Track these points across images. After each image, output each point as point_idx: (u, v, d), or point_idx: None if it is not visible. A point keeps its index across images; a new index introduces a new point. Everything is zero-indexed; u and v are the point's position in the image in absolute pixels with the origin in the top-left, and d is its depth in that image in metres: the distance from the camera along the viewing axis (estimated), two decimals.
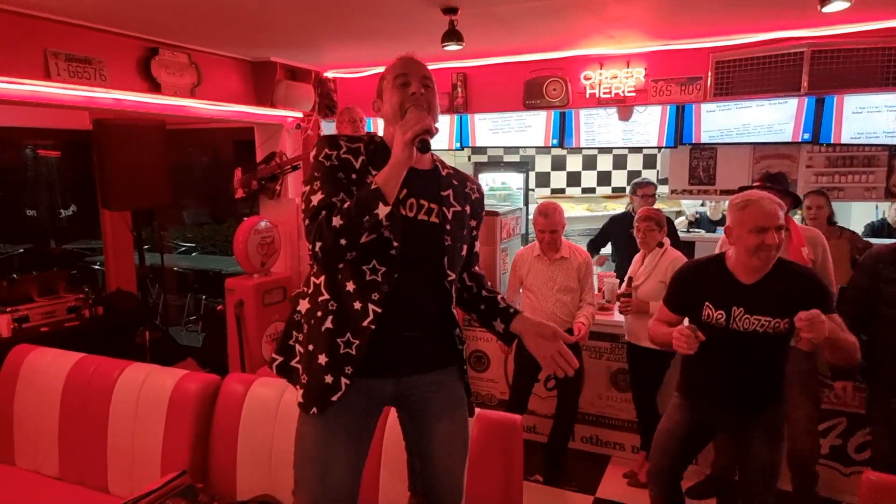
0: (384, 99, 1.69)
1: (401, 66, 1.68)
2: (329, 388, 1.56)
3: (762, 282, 2.26)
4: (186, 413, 2.29)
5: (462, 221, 1.72)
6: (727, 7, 3.19)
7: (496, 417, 2.10)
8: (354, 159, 1.61)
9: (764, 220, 2.17)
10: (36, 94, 3.06)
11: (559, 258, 3.45)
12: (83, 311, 3.83)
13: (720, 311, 2.28)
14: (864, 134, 4.04)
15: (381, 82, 1.72)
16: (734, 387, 2.32)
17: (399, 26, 3.49)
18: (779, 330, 2.24)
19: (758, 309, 2.23)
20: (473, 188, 1.81)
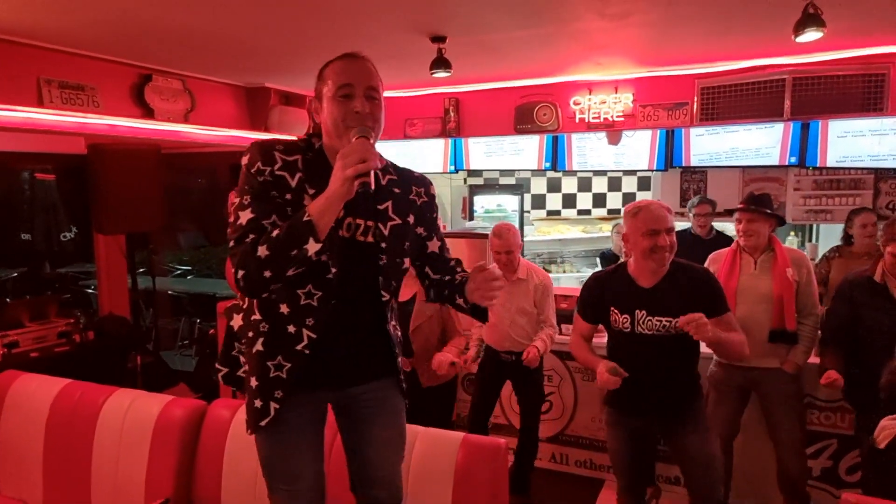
0: (323, 107, 1.53)
1: (345, 74, 1.50)
2: (258, 412, 1.55)
3: (660, 284, 2.39)
4: (171, 440, 2.28)
5: (403, 235, 1.62)
6: (710, 35, 3.25)
7: (481, 441, 2.10)
8: (290, 177, 1.49)
9: (654, 224, 2.34)
10: (29, 120, 3.10)
11: (516, 279, 3.39)
12: (74, 336, 3.82)
13: (625, 315, 2.41)
14: (849, 157, 4.10)
15: (320, 83, 1.54)
16: (651, 389, 2.41)
17: (389, 54, 3.55)
18: (679, 330, 2.31)
19: (658, 310, 2.35)
20: (420, 192, 1.68)
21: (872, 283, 2.76)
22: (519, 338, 3.38)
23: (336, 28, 3.00)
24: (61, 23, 2.85)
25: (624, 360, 2.46)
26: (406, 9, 2.71)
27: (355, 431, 1.73)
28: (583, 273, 7.23)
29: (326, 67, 1.54)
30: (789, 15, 2.60)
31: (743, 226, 3.00)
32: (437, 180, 7.41)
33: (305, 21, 2.88)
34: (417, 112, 4.94)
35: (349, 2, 2.60)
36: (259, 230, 1.43)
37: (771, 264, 2.96)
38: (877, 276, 2.75)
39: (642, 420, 2.50)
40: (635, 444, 2.54)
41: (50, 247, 6.76)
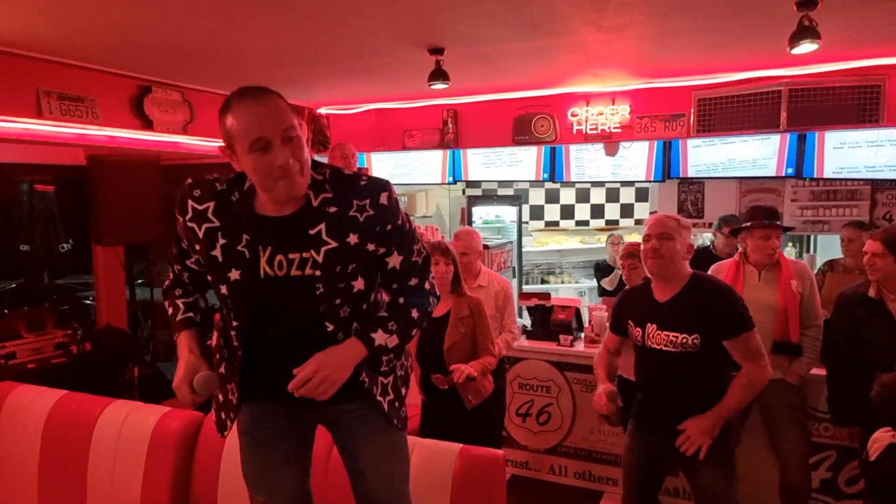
0: (239, 159, 1.39)
1: (256, 126, 1.33)
2: (222, 423, 1.65)
3: (675, 298, 2.33)
4: (167, 451, 2.27)
5: (343, 258, 1.45)
6: (707, 48, 3.28)
7: (478, 452, 2.09)
8: (198, 228, 1.47)
9: (648, 229, 2.35)
10: (28, 132, 3.11)
11: (477, 286, 3.37)
12: (71, 347, 3.81)
13: (638, 328, 2.40)
14: (845, 168, 4.11)
15: (227, 133, 1.38)
16: (662, 408, 2.37)
17: (388, 66, 3.57)
18: (689, 347, 2.26)
19: (668, 325, 2.30)
20: (363, 205, 1.45)
21: (868, 299, 2.75)
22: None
23: (335, 40, 3.02)
24: (61, 34, 2.87)
25: (640, 373, 2.46)
26: (405, 21, 2.73)
27: (348, 449, 1.70)
28: (581, 284, 7.24)
29: (227, 113, 1.37)
30: (785, 27, 2.62)
31: (765, 241, 2.94)
32: (436, 191, 7.45)
33: (305, 34, 2.90)
34: (416, 123, 4.96)
35: (348, 14, 2.62)
36: (174, 270, 1.67)
37: (776, 276, 2.95)
38: (871, 291, 2.74)
39: (656, 437, 2.41)
40: (646, 459, 2.48)
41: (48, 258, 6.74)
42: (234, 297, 1.48)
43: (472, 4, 2.50)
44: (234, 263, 1.46)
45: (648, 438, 2.46)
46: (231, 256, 1.45)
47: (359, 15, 2.63)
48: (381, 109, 5.02)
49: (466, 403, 2.93)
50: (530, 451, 4.00)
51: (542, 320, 4.09)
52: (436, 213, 7.75)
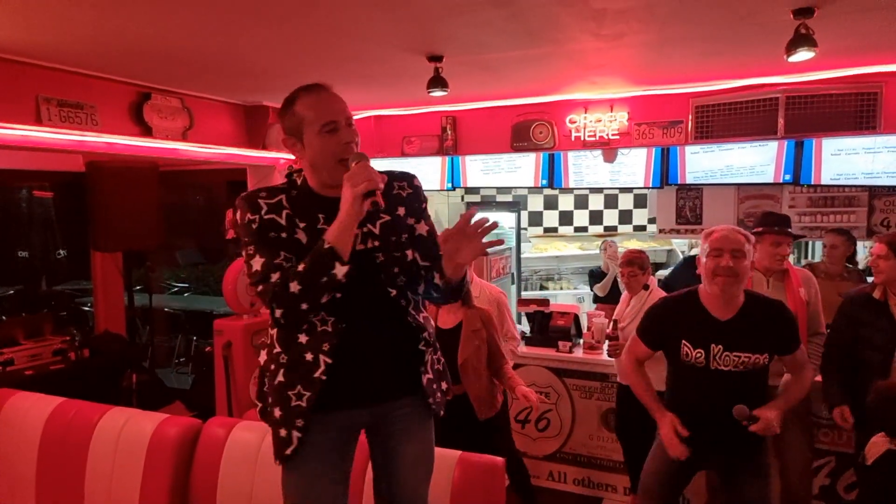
0: (306, 143, 1.57)
1: (326, 111, 1.56)
2: (283, 441, 1.59)
3: (737, 317, 2.26)
4: (165, 459, 2.26)
5: (395, 228, 1.65)
6: (704, 55, 3.29)
7: (477, 460, 2.09)
8: (278, 216, 1.57)
9: (719, 243, 2.23)
10: (27, 138, 3.11)
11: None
12: (69, 353, 3.81)
13: (699, 349, 2.27)
14: (843, 175, 4.12)
15: (296, 121, 1.57)
16: (718, 425, 2.29)
17: (387, 73, 3.58)
18: (758, 365, 2.25)
19: (735, 346, 2.23)
20: (403, 185, 1.70)
21: (873, 301, 2.76)
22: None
23: (334, 47, 3.03)
24: (60, 41, 2.88)
25: (691, 394, 2.34)
26: (404, 29, 2.74)
27: (386, 449, 1.75)
28: (580, 290, 7.25)
29: (295, 104, 1.58)
30: (782, 35, 2.63)
31: (775, 248, 2.94)
32: (435, 197, 7.46)
33: (304, 41, 2.91)
34: (415, 130, 4.97)
35: (348, 22, 2.63)
36: (278, 268, 1.50)
37: (784, 284, 2.95)
38: (876, 293, 2.75)
39: (696, 452, 2.33)
40: (676, 472, 2.42)
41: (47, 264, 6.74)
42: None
43: (471, 13, 2.52)
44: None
45: (693, 451, 2.35)
46: (314, 236, 1.54)
47: (359, 23, 2.64)
48: (379, 116, 5.03)
49: (479, 415, 2.94)
50: (529, 458, 3.99)
51: (541, 326, 4.09)
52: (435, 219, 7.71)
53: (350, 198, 1.47)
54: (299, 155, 1.61)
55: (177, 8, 2.41)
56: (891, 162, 3.99)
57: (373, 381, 1.65)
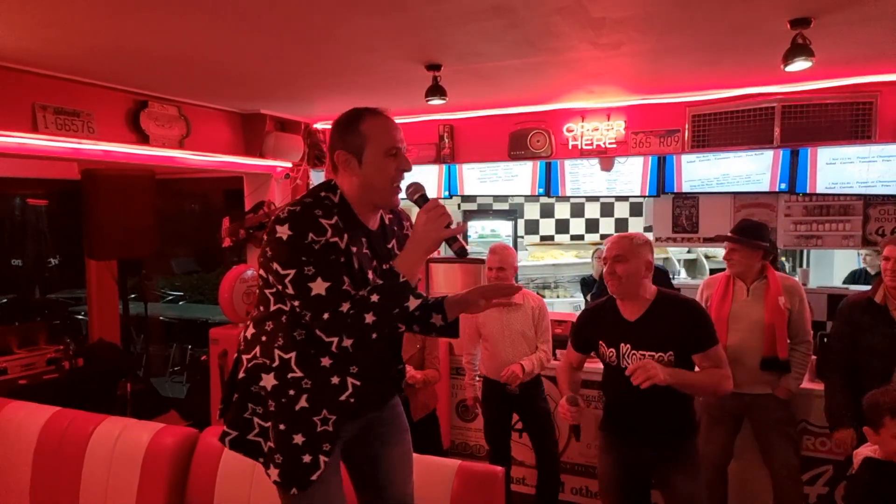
0: (366, 162, 1.59)
1: (394, 137, 1.61)
2: (308, 467, 1.55)
3: (644, 317, 2.38)
4: (161, 469, 2.24)
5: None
6: (701, 65, 3.31)
7: (477, 469, 2.08)
8: (340, 240, 1.53)
9: (605, 252, 2.42)
10: (23, 146, 3.09)
11: (513, 305, 3.35)
12: (63, 362, 3.78)
13: (611, 348, 2.42)
14: (838, 184, 4.14)
15: (361, 140, 1.59)
16: (638, 421, 2.40)
17: (385, 81, 3.59)
18: (664, 363, 2.30)
19: (642, 344, 2.35)
20: (407, 226, 1.81)
21: (874, 305, 2.76)
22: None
23: (333, 56, 3.03)
24: (57, 49, 2.87)
25: (614, 391, 2.48)
26: (403, 38, 2.75)
27: (371, 454, 1.76)
28: (576, 298, 7.24)
29: (362, 124, 1.60)
30: (778, 45, 2.65)
31: (727, 254, 3.04)
32: None
33: (302, 49, 2.92)
34: (412, 138, 4.96)
35: (346, 30, 2.64)
36: (347, 297, 1.47)
37: (763, 292, 2.97)
38: (877, 297, 2.75)
39: (631, 449, 2.47)
40: (623, 472, 2.52)
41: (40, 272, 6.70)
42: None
43: (470, 22, 2.52)
44: (367, 264, 1.59)
45: (624, 452, 2.50)
46: (363, 260, 1.58)
47: (357, 32, 2.65)
48: None
49: (413, 415, 3.10)
50: (527, 467, 3.97)
51: None
52: None
53: (433, 237, 1.51)
54: (350, 172, 1.60)
55: (174, 16, 2.40)
56: (885, 171, 4.02)
57: (383, 394, 1.72)
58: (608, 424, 2.56)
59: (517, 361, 3.27)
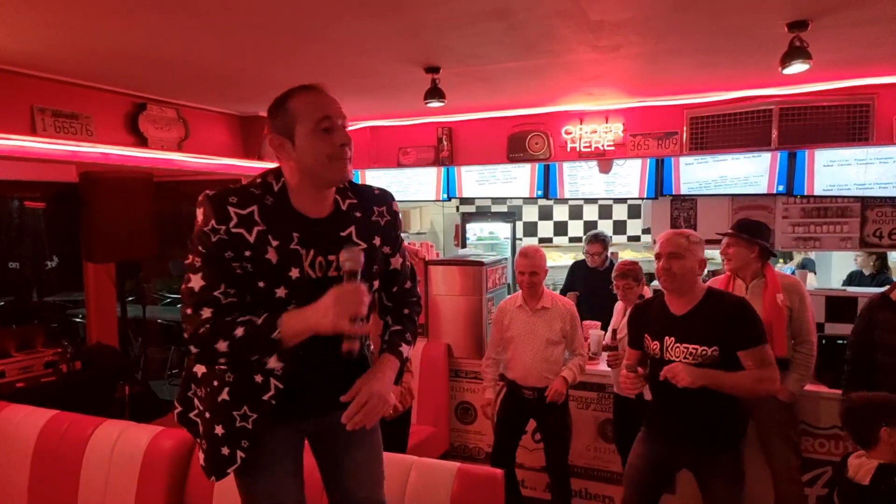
0: (297, 143, 1.46)
1: (323, 107, 1.47)
2: (226, 459, 1.53)
3: (692, 312, 2.38)
4: (160, 471, 2.24)
5: (370, 259, 1.58)
6: (699, 67, 3.32)
7: (476, 472, 2.08)
8: (248, 232, 1.44)
9: (658, 248, 2.42)
10: (21, 148, 3.09)
11: (541, 308, 3.29)
12: (60, 365, 3.76)
13: (656, 342, 2.43)
14: (835, 186, 4.15)
15: (285, 119, 1.47)
16: (680, 418, 2.40)
17: (384, 84, 3.59)
18: (708, 358, 2.30)
19: (686, 338, 2.35)
20: (382, 210, 1.64)
21: (888, 302, 2.76)
22: (546, 372, 3.26)
23: (332, 58, 3.03)
24: (56, 52, 2.87)
25: (656, 385, 2.47)
26: (402, 41, 2.75)
27: (334, 457, 1.72)
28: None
29: (288, 101, 1.48)
30: (776, 48, 2.66)
31: (722, 248, 3.08)
32: (430, 208, 7.47)
33: (301, 52, 2.92)
34: (411, 141, 4.98)
35: (346, 34, 2.64)
36: (213, 303, 1.42)
37: (762, 290, 2.98)
38: (893, 294, 2.76)
39: (669, 446, 2.47)
40: (653, 469, 2.52)
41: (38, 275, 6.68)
42: (297, 295, 1.47)
43: (468, 24, 2.53)
44: (292, 262, 1.48)
45: (660, 449, 2.50)
46: (287, 255, 1.47)
47: (357, 34, 2.65)
48: (375, 127, 5.04)
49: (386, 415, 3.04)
50: (527, 469, 3.97)
51: None
52: (430, 229, 7.76)
53: (330, 323, 1.39)
54: (286, 156, 1.49)
55: (173, 19, 2.41)
56: (882, 173, 4.03)
57: (318, 398, 1.62)
58: (652, 417, 2.57)
59: (540, 368, 3.25)
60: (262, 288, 1.47)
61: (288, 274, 1.47)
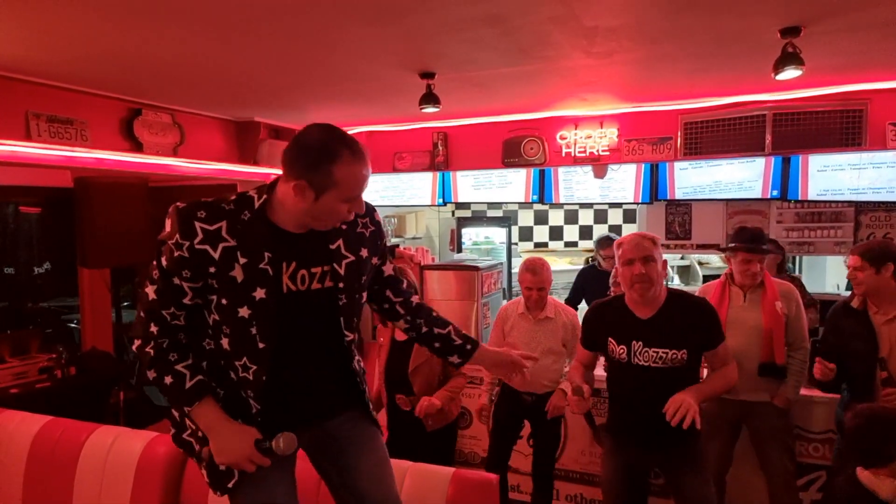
0: (322, 201, 1.43)
1: (359, 187, 1.47)
2: (224, 474, 1.53)
3: (657, 315, 2.37)
4: (155, 477, 2.23)
5: (358, 270, 1.60)
6: (693, 73, 3.34)
7: (472, 476, 2.08)
8: (213, 249, 1.41)
9: (630, 253, 2.34)
10: (16, 154, 3.08)
11: (543, 318, 3.25)
12: (55, 371, 3.75)
13: (622, 346, 2.40)
14: (829, 191, 4.18)
15: (328, 182, 1.42)
16: (648, 422, 2.37)
17: (379, 89, 3.60)
18: (678, 362, 2.31)
19: (654, 342, 2.34)
20: (365, 222, 1.65)
21: (852, 310, 2.78)
22: (546, 381, 3.24)
23: (327, 64, 3.04)
24: (51, 57, 2.87)
25: (621, 390, 2.47)
26: (397, 46, 2.76)
27: (340, 466, 1.70)
28: None
29: (336, 167, 1.41)
30: (769, 53, 2.68)
31: (746, 265, 2.95)
32: (426, 213, 7.47)
33: (296, 57, 2.92)
34: (406, 146, 4.99)
35: (341, 39, 2.64)
36: (159, 320, 1.46)
37: (760, 297, 2.98)
38: (854, 302, 2.77)
39: (638, 452, 2.47)
40: (628, 476, 2.51)
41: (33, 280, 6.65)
42: (260, 317, 1.46)
43: (464, 30, 2.54)
44: (259, 282, 1.45)
45: (629, 454, 2.49)
46: (254, 275, 1.45)
47: (352, 40, 2.66)
48: (371, 132, 5.04)
49: (426, 426, 3.00)
50: (521, 474, 3.96)
51: None
52: (425, 234, 7.76)
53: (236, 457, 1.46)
54: (301, 199, 1.43)
55: (168, 23, 2.41)
56: (876, 178, 4.05)
57: (309, 410, 1.64)
58: (614, 425, 2.55)
59: (540, 378, 3.21)
60: (225, 306, 1.46)
61: (252, 294, 1.45)
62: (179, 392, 1.46)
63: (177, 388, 1.46)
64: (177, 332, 1.49)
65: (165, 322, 1.46)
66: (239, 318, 1.45)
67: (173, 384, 1.46)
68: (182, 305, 1.46)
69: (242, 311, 1.45)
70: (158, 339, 1.46)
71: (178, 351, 1.48)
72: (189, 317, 1.50)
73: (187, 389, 1.46)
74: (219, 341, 1.50)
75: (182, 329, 1.49)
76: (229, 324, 1.47)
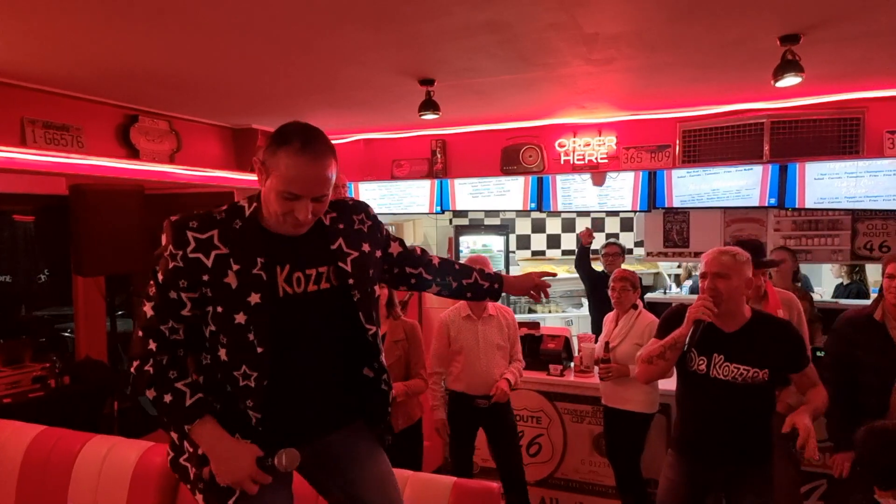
0: (268, 185, 1.43)
1: (296, 183, 1.39)
2: (224, 492, 1.50)
3: (742, 331, 2.32)
4: (150, 488, 2.19)
5: (365, 264, 1.60)
6: (691, 81, 3.35)
7: (472, 486, 2.05)
8: (206, 257, 1.42)
9: (705, 267, 2.33)
10: (11, 160, 3.06)
11: (487, 316, 3.34)
12: (49, 380, 3.71)
13: (702, 357, 2.33)
14: (826, 199, 4.18)
15: (271, 165, 1.41)
16: (719, 438, 2.33)
17: (379, 97, 3.60)
18: (758, 380, 2.27)
19: (736, 357, 2.28)
20: (361, 218, 1.65)
21: (873, 322, 2.72)
22: (497, 375, 3.30)
23: (325, 71, 3.04)
24: (47, 63, 2.85)
25: (693, 403, 2.41)
26: (396, 53, 2.76)
27: (345, 482, 1.67)
28: (568, 313, 7.24)
29: (278, 152, 1.39)
30: (768, 61, 2.69)
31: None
32: (424, 221, 7.46)
33: (293, 64, 2.92)
34: (405, 153, 4.98)
35: (339, 45, 2.64)
36: (157, 336, 1.44)
37: (763, 307, 2.97)
38: (877, 314, 2.73)
39: (704, 466, 2.39)
40: (690, 490, 2.43)
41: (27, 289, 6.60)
42: (256, 321, 1.44)
43: (463, 38, 2.54)
44: (253, 287, 1.44)
45: (695, 468, 2.42)
46: (248, 281, 1.44)
47: (351, 46, 2.65)
48: (369, 139, 5.04)
49: (394, 427, 2.94)
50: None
51: (532, 350, 4.07)
52: (423, 242, 7.75)
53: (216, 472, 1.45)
54: (260, 181, 1.47)
55: (165, 30, 2.40)
56: (873, 186, 4.06)
57: (310, 424, 1.60)
58: (683, 441, 2.47)
59: (494, 374, 3.26)
60: (220, 314, 1.44)
61: (247, 300, 1.44)
62: (179, 410, 1.45)
63: (176, 407, 1.45)
64: (176, 348, 1.47)
65: (164, 337, 1.45)
66: (236, 325, 1.44)
67: (173, 402, 1.45)
68: (181, 318, 1.45)
69: (238, 318, 1.44)
70: (157, 355, 1.44)
71: (177, 368, 1.47)
72: (188, 331, 1.48)
73: (187, 407, 1.45)
74: (216, 353, 1.48)
75: (181, 344, 1.48)
76: (226, 332, 1.45)
